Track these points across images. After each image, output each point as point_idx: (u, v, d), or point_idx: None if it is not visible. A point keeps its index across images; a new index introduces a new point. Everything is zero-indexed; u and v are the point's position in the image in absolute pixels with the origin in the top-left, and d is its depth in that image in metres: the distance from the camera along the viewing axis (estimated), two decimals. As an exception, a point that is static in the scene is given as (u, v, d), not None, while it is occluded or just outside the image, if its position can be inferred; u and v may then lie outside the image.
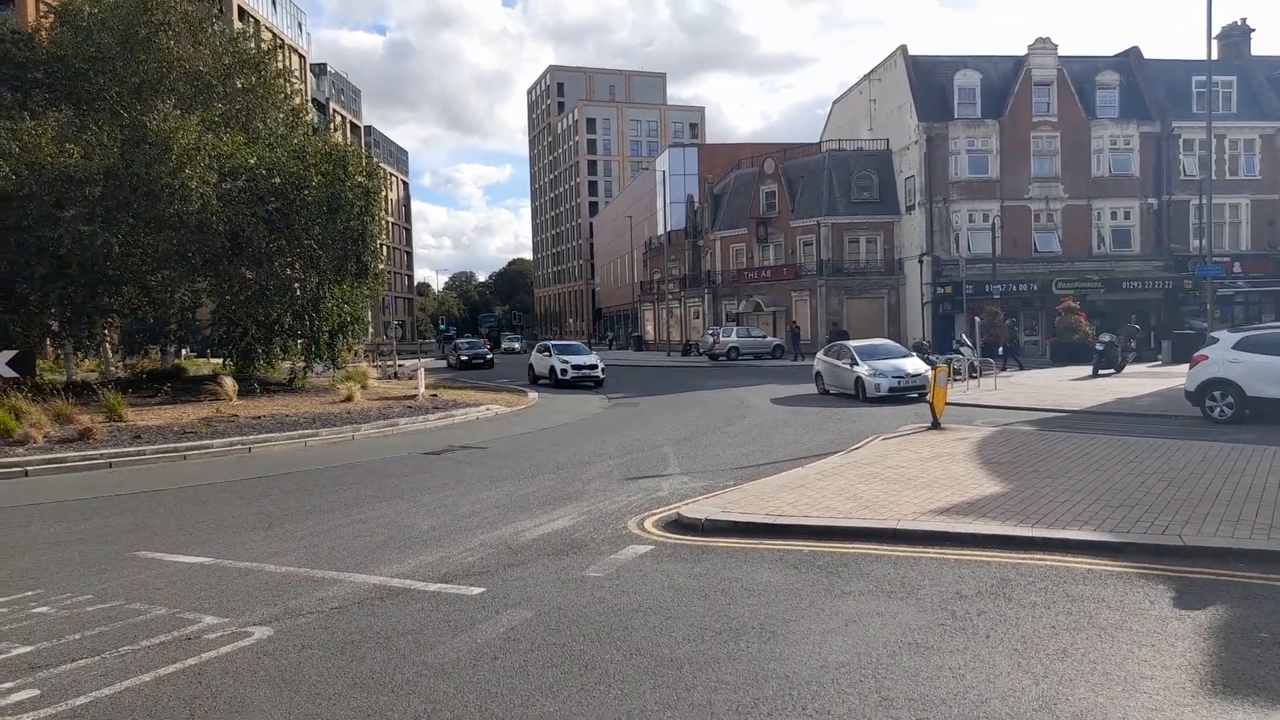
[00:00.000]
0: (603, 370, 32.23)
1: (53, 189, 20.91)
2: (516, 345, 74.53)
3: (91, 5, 25.80)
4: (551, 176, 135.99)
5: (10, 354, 16.11)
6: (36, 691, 5.01)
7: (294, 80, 33.07)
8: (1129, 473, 10.45)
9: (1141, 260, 44.22)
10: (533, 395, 27.37)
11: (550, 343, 37.87)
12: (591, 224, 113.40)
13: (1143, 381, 25.05)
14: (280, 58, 31.80)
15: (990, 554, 7.45)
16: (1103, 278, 43.03)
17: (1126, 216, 44.70)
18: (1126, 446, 12.63)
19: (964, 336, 31.23)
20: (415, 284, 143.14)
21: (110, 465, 14.30)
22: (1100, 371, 27.94)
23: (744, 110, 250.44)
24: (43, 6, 35.81)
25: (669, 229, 67.31)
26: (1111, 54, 47.73)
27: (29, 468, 13.72)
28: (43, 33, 27.66)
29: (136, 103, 24.48)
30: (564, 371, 31.57)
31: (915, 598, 6.37)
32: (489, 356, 47.66)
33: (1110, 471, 10.58)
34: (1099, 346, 28.79)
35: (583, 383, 31.34)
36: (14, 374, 16.38)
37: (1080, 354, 32.89)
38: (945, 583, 6.71)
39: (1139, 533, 7.69)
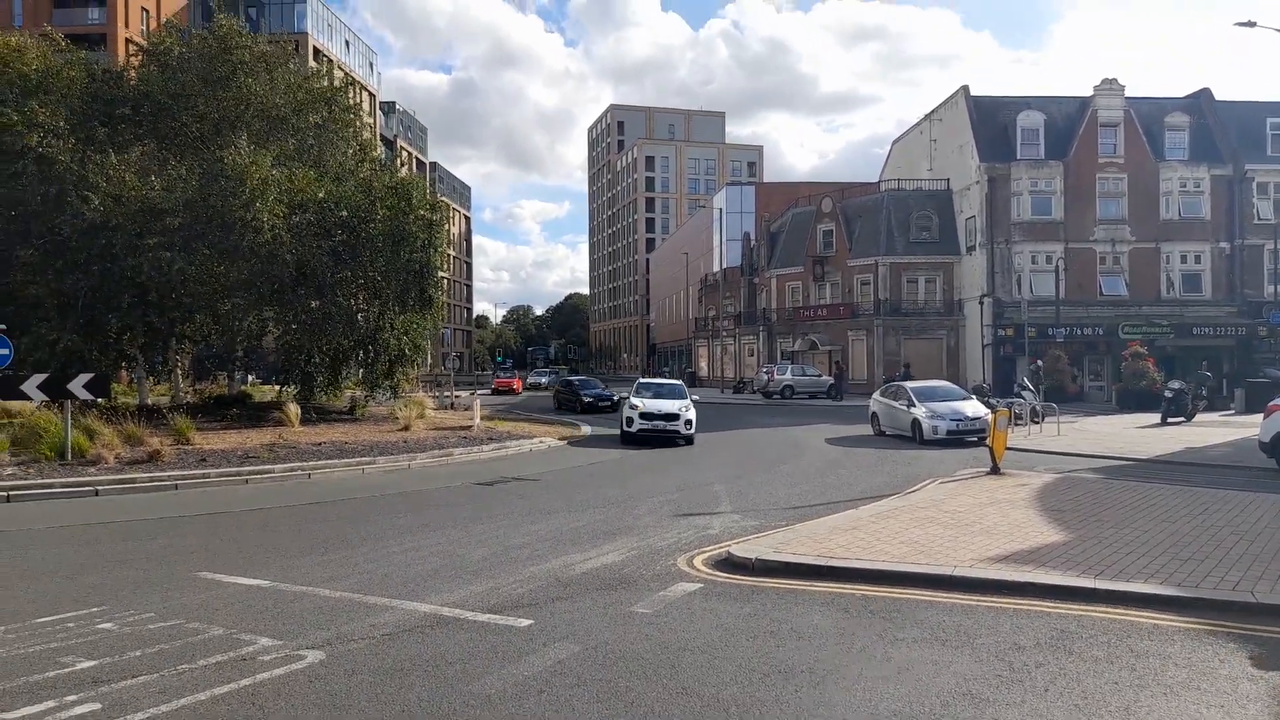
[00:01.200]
0: (689, 423, 22.59)
1: (136, 220, 21.86)
2: (543, 380, 65.03)
3: (179, 45, 27.09)
4: (610, 213, 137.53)
5: (87, 377, 16.73)
6: (98, 705, 5.15)
7: (363, 116, 34.17)
8: (1198, 525, 10.07)
9: (1213, 305, 42.90)
10: (586, 429, 27.46)
11: (642, 380, 29.79)
12: (648, 260, 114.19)
13: (1214, 431, 24.17)
14: (350, 94, 32.89)
15: (1050, 604, 7.23)
16: (1172, 323, 41.80)
17: (1197, 260, 43.48)
18: (1196, 497, 12.19)
19: (1025, 380, 30.57)
20: (474, 316, 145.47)
21: (176, 487, 14.72)
22: (1169, 419, 27.04)
23: (802, 149, 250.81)
24: (132, 46, 37.67)
25: (725, 266, 67.45)
26: (1181, 95, 46.78)
27: (100, 487, 14.19)
28: (131, 71, 29.12)
29: (215, 138, 25.57)
30: (629, 421, 22.84)
31: (971, 647, 6.21)
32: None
33: (1178, 523, 10.21)
34: (1168, 393, 27.90)
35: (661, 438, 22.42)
36: (90, 396, 17.01)
37: (1148, 401, 31.90)
38: (1003, 633, 6.53)
39: (1208, 588, 7.40)
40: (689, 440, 22.45)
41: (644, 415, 22.58)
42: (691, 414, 22.87)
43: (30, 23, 54.39)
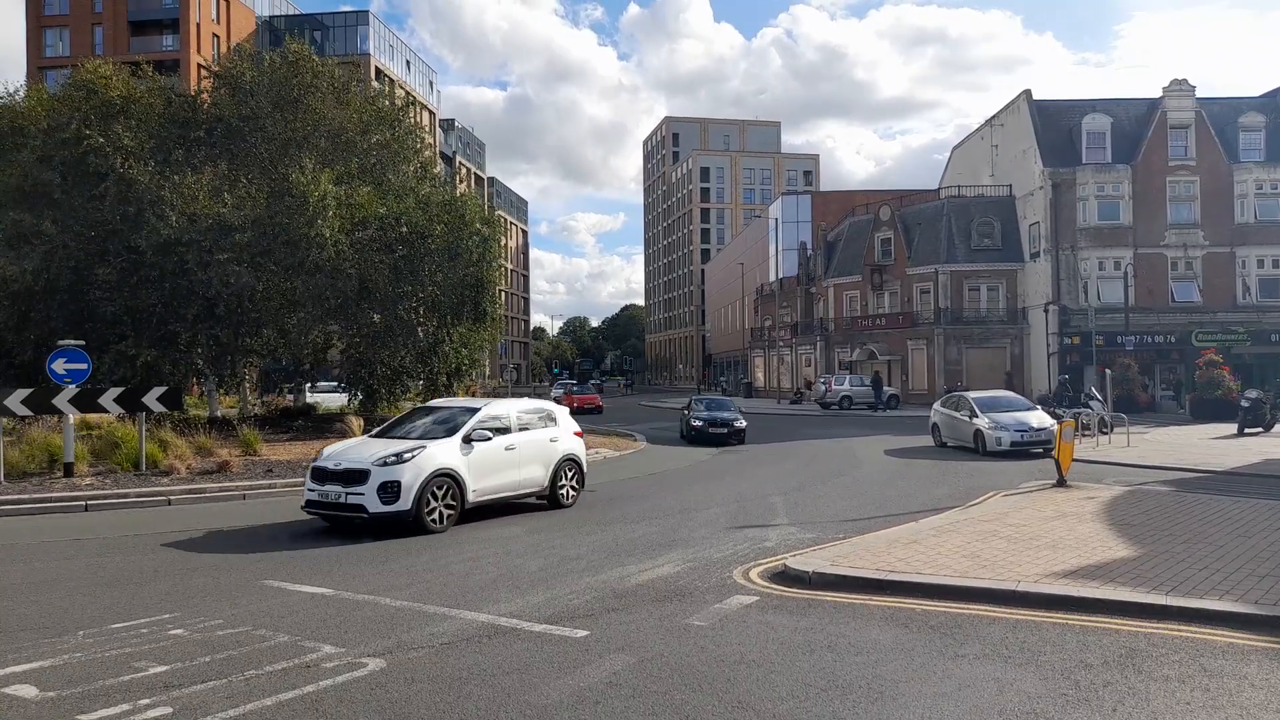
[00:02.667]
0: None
1: (208, 237, 22.65)
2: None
3: (250, 70, 28.03)
4: (665, 224, 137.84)
5: (160, 390, 17.33)
6: (169, 709, 5.32)
7: (424, 135, 34.87)
8: (1277, 540, 9.67)
9: (1293, 311, 41.23)
10: (641, 441, 27.50)
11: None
12: (703, 271, 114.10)
13: (1296, 442, 23.19)
14: (412, 114, 33.60)
15: (1119, 621, 7.02)
16: (1248, 329, 40.31)
17: (1275, 265, 41.89)
18: (1274, 511, 11.70)
19: (1093, 389, 29.74)
20: (531, 328, 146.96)
21: (244, 497, 15.14)
22: (1246, 430, 26.04)
23: (858, 156, 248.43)
24: (204, 71, 39.06)
25: (781, 276, 67.02)
26: (1256, 94, 45.18)
27: (172, 497, 14.67)
28: (204, 95, 30.20)
29: (283, 158, 26.34)
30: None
31: (1035, 664, 6.05)
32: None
33: (1255, 538, 9.82)
34: (1244, 403, 26.88)
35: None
36: (163, 409, 17.61)
37: (1223, 411, 30.77)
38: (1069, 650, 6.35)
39: (1289, 606, 7.09)
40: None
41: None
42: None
43: (110, 50, 56.95)
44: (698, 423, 26.93)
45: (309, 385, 35.64)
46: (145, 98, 26.66)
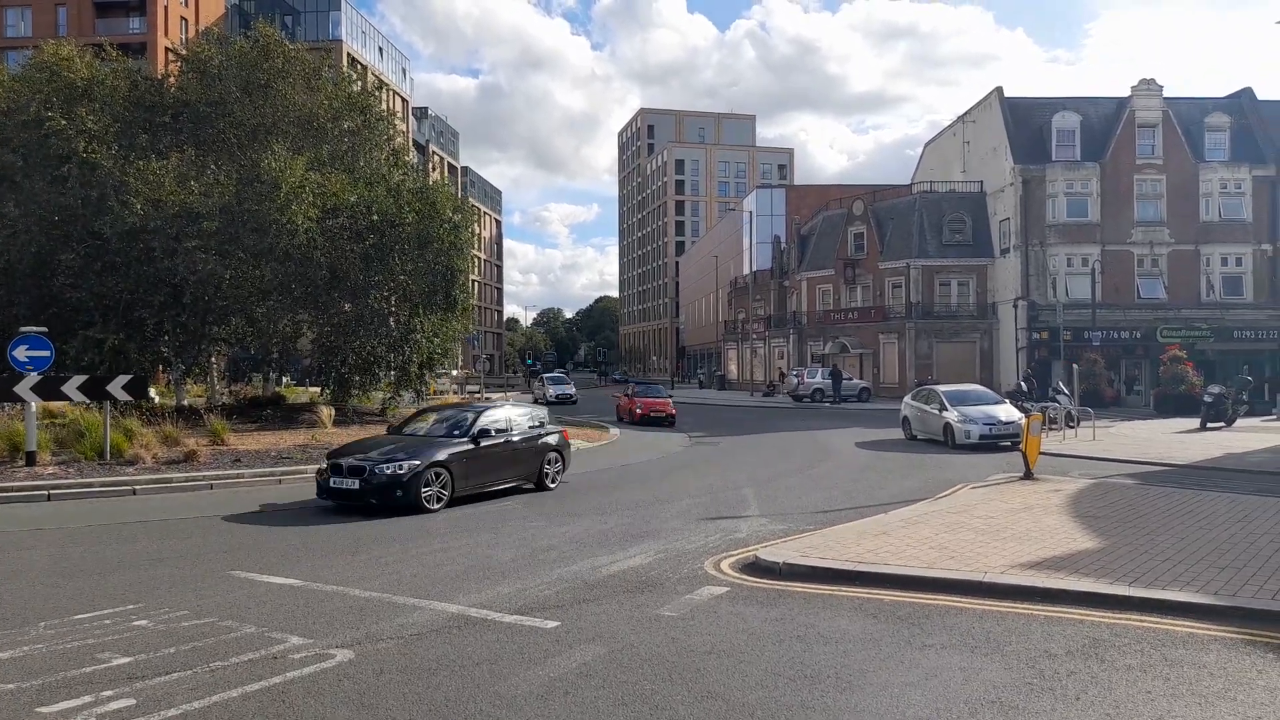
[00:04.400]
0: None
1: (174, 223, 22.27)
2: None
3: (218, 54, 27.55)
4: (640, 216, 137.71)
5: (126, 378, 17.05)
6: (133, 701, 5.25)
7: (396, 122, 34.51)
8: (1237, 532, 9.87)
9: (1254, 309, 42.05)
10: (614, 431, 27.51)
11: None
12: (677, 263, 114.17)
13: (1255, 436, 23.67)
14: (384, 100, 33.23)
15: (1083, 612, 7.13)
16: (1212, 326, 41.05)
17: (1238, 263, 42.66)
18: (1235, 504, 11.94)
19: (1060, 384, 30.15)
20: (505, 319, 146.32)
21: (211, 487, 14.95)
22: (1209, 424, 26.53)
23: (831, 150, 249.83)
24: (172, 55, 38.37)
25: (755, 269, 67.25)
26: (1222, 95, 45.93)
27: (137, 486, 14.45)
28: (171, 79, 29.66)
29: (252, 144, 25.93)
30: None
31: (1001, 654, 6.13)
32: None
33: (1216, 530, 10.02)
34: (1207, 398, 27.38)
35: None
36: (129, 397, 17.33)
37: (1187, 406, 31.36)
38: (1033, 640, 6.44)
39: (1247, 596, 7.25)
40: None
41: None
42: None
43: (74, 32, 55.67)
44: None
45: (282, 375, 35.28)
46: (109, 80, 26.10)
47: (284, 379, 39.21)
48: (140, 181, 22.49)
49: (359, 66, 68.55)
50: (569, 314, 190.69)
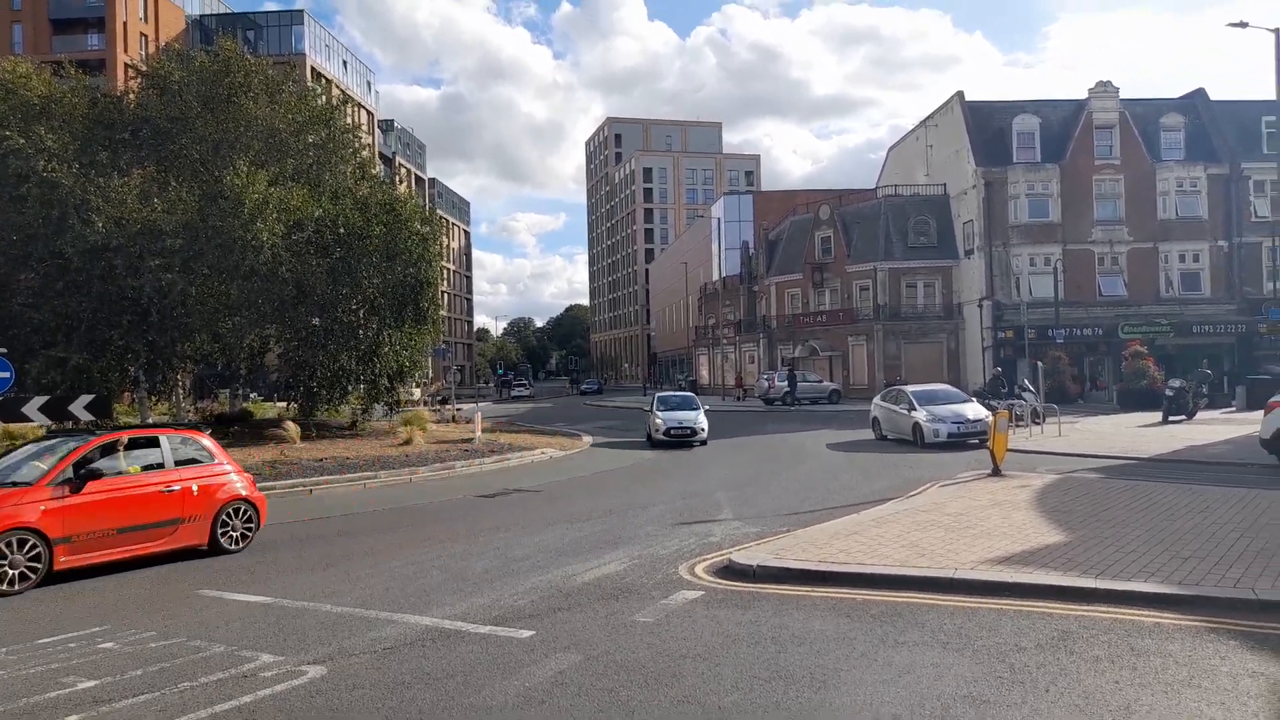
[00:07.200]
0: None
1: (137, 242, 21.97)
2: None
3: (178, 70, 27.24)
4: (608, 225, 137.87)
5: (88, 398, 16.73)
6: (100, 724, 5.16)
7: (361, 135, 34.32)
8: (1200, 523, 10.06)
9: (1212, 304, 42.91)
10: (587, 439, 27.47)
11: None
12: (647, 270, 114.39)
13: (1215, 428, 24.14)
14: (348, 113, 33.02)
15: (1051, 605, 7.23)
16: (1171, 322, 41.84)
17: (1195, 259, 43.53)
18: (1197, 495, 12.17)
19: (1026, 381, 30.55)
20: (475, 329, 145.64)
21: (178, 506, 14.70)
22: (1170, 418, 27.01)
23: (795, 155, 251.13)
24: (131, 71, 37.87)
25: (724, 275, 67.54)
26: (1176, 96, 46.91)
27: (102, 508, 14.18)
28: (131, 95, 29.27)
29: (215, 159, 25.67)
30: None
31: (972, 649, 6.21)
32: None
33: (1179, 521, 10.21)
34: (1168, 392, 27.87)
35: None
36: (91, 417, 17.01)
37: (1149, 400, 31.87)
38: (1004, 634, 6.53)
39: (1210, 585, 7.39)
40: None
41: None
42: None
43: (30, 49, 54.85)
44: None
45: (250, 391, 34.87)
46: (68, 98, 25.73)
47: (251, 395, 38.75)
48: (102, 199, 22.18)
49: (323, 80, 68.05)
50: (540, 323, 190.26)
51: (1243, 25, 28.46)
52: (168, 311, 23.10)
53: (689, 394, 29.36)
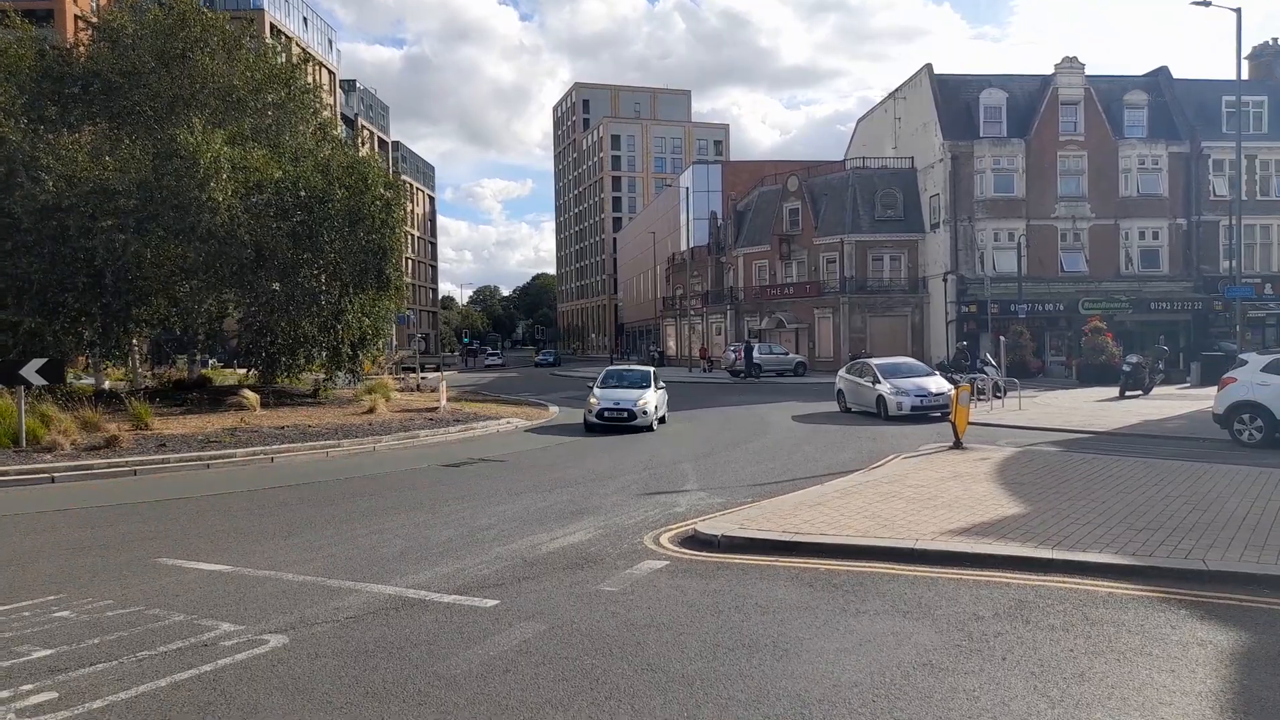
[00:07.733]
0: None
1: (89, 201, 21.35)
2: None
3: (132, 22, 26.35)
4: (576, 192, 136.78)
5: (41, 362, 16.35)
6: (55, 694, 5.06)
7: (323, 95, 33.56)
8: (1154, 496, 10.30)
9: (1170, 281, 43.72)
10: (554, 409, 27.42)
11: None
12: (615, 239, 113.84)
13: (1170, 403, 24.70)
14: (309, 72, 32.26)
15: (1009, 575, 7.37)
16: (1130, 298, 42.58)
17: (1155, 237, 44.24)
18: (1152, 469, 12.45)
19: (988, 355, 30.98)
20: (440, 297, 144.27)
21: (135, 473, 14.48)
22: (1127, 393, 27.58)
23: (764, 125, 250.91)
24: (81, 23, 36.59)
25: (692, 245, 67.43)
26: (1140, 74, 47.38)
27: (55, 474, 13.92)
28: (81, 48, 28.30)
29: (170, 117, 24.96)
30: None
31: (931, 618, 6.30)
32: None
33: (1134, 494, 10.43)
34: (1126, 368, 28.43)
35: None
36: (44, 382, 16.63)
37: (1107, 375, 32.52)
38: (963, 604, 6.64)
39: (1162, 556, 7.57)
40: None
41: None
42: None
43: (-27, -3, 52.64)
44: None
45: (209, 357, 34.28)
46: (14, 49, 24.83)
47: (210, 361, 38.11)
48: (52, 157, 21.51)
49: (282, 37, 66.34)
50: (506, 292, 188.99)
51: (1206, 4, 28.71)
52: (122, 274, 22.53)
53: (647, 369, 24.73)
